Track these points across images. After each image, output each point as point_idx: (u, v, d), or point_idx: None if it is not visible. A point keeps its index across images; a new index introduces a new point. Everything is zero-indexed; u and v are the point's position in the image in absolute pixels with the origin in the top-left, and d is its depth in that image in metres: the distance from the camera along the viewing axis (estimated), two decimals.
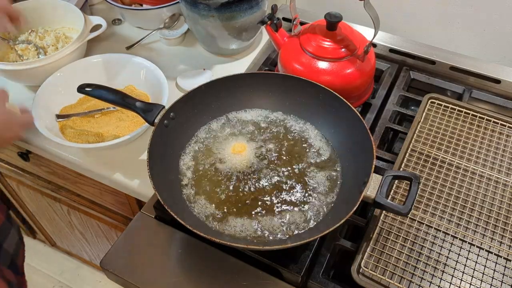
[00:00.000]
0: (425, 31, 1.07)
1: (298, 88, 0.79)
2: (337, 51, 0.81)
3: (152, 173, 0.64)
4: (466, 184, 0.74)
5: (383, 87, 0.93)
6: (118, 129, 0.87)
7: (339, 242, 0.69)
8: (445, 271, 0.64)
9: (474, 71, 0.95)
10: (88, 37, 0.96)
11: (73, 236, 1.42)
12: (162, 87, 0.87)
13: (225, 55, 1.05)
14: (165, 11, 1.05)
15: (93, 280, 1.67)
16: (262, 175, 0.73)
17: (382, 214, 0.70)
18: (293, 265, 0.65)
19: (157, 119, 0.71)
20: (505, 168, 0.77)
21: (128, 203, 0.98)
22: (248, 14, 0.92)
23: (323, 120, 0.79)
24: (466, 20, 1.02)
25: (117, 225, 1.14)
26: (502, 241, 0.68)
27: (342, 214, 0.60)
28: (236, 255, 0.68)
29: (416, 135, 0.81)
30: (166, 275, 0.67)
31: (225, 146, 0.77)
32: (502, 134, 0.82)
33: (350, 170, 0.72)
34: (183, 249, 0.70)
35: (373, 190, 0.62)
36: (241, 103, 0.82)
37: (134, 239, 0.72)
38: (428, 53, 0.98)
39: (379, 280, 0.63)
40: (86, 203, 1.12)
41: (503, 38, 1.01)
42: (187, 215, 0.67)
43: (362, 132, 0.69)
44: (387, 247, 0.66)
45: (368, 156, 0.66)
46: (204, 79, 0.97)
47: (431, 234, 0.68)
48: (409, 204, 0.59)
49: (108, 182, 0.85)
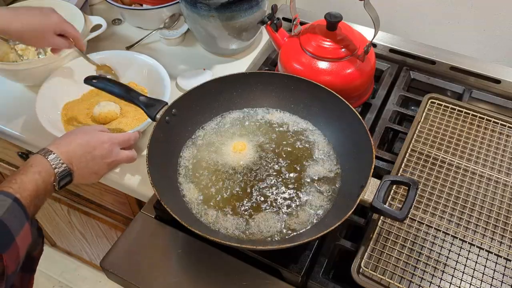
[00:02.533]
0: (425, 31, 1.07)
1: (298, 88, 0.79)
2: (337, 51, 0.81)
3: (151, 169, 0.65)
4: (466, 184, 0.74)
5: (383, 87, 0.93)
6: (120, 126, 0.87)
7: (339, 242, 0.69)
8: (445, 271, 0.64)
9: (474, 71, 0.95)
10: (88, 37, 0.97)
11: (73, 236, 1.42)
12: (164, 84, 0.87)
13: (225, 55, 1.05)
14: (165, 11, 1.05)
15: (93, 280, 1.67)
16: (263, 174, 0.73)
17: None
18: (293, 265, 0.65)
19: (159, 115, 0.72)
20: (505, 168, 0.77)
21: (128, 203, 0.97)
22: (248, 14, 0.92)
23: (323, 120, 0.79)
24: (466, 20, 1.02)
25: (117, 225, 1.14)
26: (502, 241, 0.68)
27: (341, 215, 0.60)
28: (236, 255, 0.68)
29: (416, 135, 0.81)
30: (166, 275, 0.67)
31: (225, 145, 0.77)
32: (502, 134, 0.82)
33: (349, 171, 0.72)
34: (183, 249, 0.70)
35: (371, 194, 0.62)
36: (242, 102, 0.82)
37: (134, 239, 0.72)
38: (428, 53, 0.98)
39: (379, 280, 0.63)
40: (86, 203, 1.12)
41: (503, 38, 1.01)
42: (185, 213, 0.68)
43: (362, 134, 0.69)
44: (387, 247, 0.66)
45: (367, 159, 0.66)
46: (204, 79, 0.97)
47: (431, 234, 0.68)
48: (406, 210, 0.59)
49: (108, 182, 0.85)
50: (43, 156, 0.64)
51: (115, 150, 0.73)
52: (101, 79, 0.78)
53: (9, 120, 0.91)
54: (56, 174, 0.64)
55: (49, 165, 0.63)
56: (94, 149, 0.70)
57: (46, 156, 0.64)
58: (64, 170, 0.65)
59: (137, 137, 0.79)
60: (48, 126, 0.80)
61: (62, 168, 0.64)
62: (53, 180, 0.63)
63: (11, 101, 0.94)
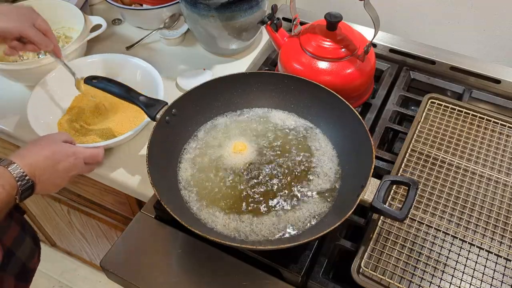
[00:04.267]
0: (425, 31, 1.07)
1: (298, 88, 0.79)
2: (337, 51, 0.81)
3: (151, 169, 0.65)
4: (466, 184, 0.74)
5: (383, 87, 0.93)
6: (117, 127, 0.87)
7: (339, 242, 0.69)
8: (445, 271, 0.64)
9: (474, 71, 0.95)
10: (88, 37, 0.97)
11: (73, 236, 1.42)
12: (157, 86, 0.87)
13: (225, 55, 1.05)
14: (165, 11, 1.05)
15: (93, 280, 1.67)
16: (263, 174, 0.73)
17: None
18: (293, 265, 0.65)
19: (159, 115, 0.72)
20: (505, 168, 0.77)
21: (128, 203, 0.97)
22: (248, 14, 0.92)
23: (323, 120, 0.79)
24: (466, 20, 1.02)
25: (117, 225, 1.14)
26: (502, 241, 0.68)
27: (341, 215, 0.60)
28: (236, 255, 0.68)
29: (416, 135, 0.81)
30: (166, 275, 0.67)
31: (226, 145, 0.77)
32: (502, 134, 0.82)
33: (350, 171, 0.72)
34: (183, 249, 0.70)
35: (371, 194, 0.62)
36: (242, 102, 0.82)
37: (134, 239, 0.71)
38: (428, 53, 0.98)
39: (379, 280, 0.63)
40: (86, 203, 1.12)
41: (503, 38, 1.01)
42: (185, 213, 0.68)
43: (362, 134, 0.69)
44: (387, 247, 0.66)
45: (367, 159, 0.66)
46: (204, 79, 0.97)
47: (431, 234, 0.68)
48: (406, 210, 0.59)
49: (108, 182, 0.85)
50: (5, 168, 0.62)
51: (80, 164, 0.72)
52: (101, 79, 0.78)
53: (9, 120, 0.91)
54: (19, 187, 0.62)
55: (12, 178, 0.61)
56: (58, 163, 0.68)
57: (9, 169, 0.62)
58: (27, 183, 0.63)
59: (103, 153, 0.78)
60: (39, 130, 0.80)
61: (25, 181, 0.63)
62: (15, 193, 0.62)
63: (11, 101, 0.94)
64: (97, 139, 0.84)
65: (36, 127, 0.80)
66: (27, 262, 0.72)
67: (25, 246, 0.72)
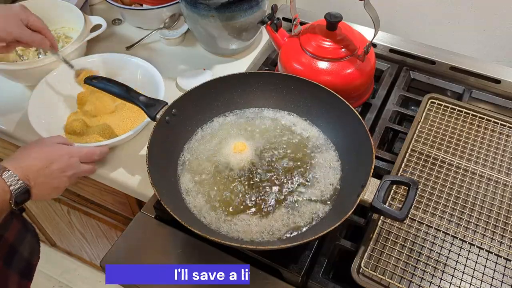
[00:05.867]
0: (425, 31, 1.07)
1: (298, 88, 0.79)
2: (337, 51, 0.81)
3: (151, 169, 0.65)
4: (466, 184, 0.74)
5: (383, 87, 0.93)
6: (117, 127, 0.87)
7: (339, 242, 0.69)
8: (445, 271, 0.64)
9: (474, 71, 0.95)
10: (88, 37, 0.97)
11: (73, 236, 1.42)
12: (157, 86, 0.87)
13: (225, 55, 1.05)
14: (165, 11, 1.05)
15: (93, 280, 1.67)
16: (263, 174, 0.73)
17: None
18: (293, 265, 0.65)
19: (159, 115, 0.72)
20: (505, 168, 0.77)
21: (128, 203, 0.97)
22: (248, 14, 0.92)
23: (323, 120, 0.79)
24: (466, 20, 1.02)
25: (117, 225, 1.14)
26: (502, 241, 0.68)
27: (341, 215, 0.60)
28: (236, 255, 0.68)
29: (416, 135, 0.81)
30: None
31: (226, 145, 0.77)
32: (502, 134, 0.82)
33: (350, 171, 0.72)
34: (183, 249, 0.70)
35: (371, 194, 0.62)
36: (242, 102, 0.82)
37: (134, 239, 0.72)
38: (428, 53, 0.98)
39: (379, 280, 0.63)
40: (86, 203, 1.12)
41: (503, 38, 1.01)
42: (185, 213, 0.68)
43: (362, 134, 0.69)
44: (387, 247, 0.66)
45: (367, 159, 0.66)
46: (204, 79, 0.96)
47: (431, 234, 0.68)
48: (406, 210, 0.59)
49: (108, 182, 0.85)
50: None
51: (75, 163, 0.70)
52: (101, 79, 0.78)
53: (9, 120, 0.91)
54: (12, 192, 0.61)
55: (3, 183, 0.60)
56: (51, 163, 0.66)
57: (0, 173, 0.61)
58: (21, 187, 0.61)
59: (104, 152, 0.76)
60: (40, 129, 0.80)
61: (18, 185, 0.61)
62: (9, 198, 0.60)
63: (11, 101, 0.94)
64: (99, 138, 0.84)
65: (37, 126, 0.80)
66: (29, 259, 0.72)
67: (27, 243, 0.72)
